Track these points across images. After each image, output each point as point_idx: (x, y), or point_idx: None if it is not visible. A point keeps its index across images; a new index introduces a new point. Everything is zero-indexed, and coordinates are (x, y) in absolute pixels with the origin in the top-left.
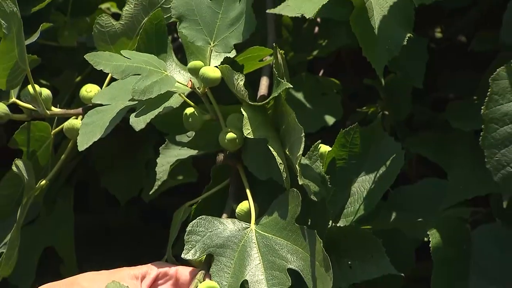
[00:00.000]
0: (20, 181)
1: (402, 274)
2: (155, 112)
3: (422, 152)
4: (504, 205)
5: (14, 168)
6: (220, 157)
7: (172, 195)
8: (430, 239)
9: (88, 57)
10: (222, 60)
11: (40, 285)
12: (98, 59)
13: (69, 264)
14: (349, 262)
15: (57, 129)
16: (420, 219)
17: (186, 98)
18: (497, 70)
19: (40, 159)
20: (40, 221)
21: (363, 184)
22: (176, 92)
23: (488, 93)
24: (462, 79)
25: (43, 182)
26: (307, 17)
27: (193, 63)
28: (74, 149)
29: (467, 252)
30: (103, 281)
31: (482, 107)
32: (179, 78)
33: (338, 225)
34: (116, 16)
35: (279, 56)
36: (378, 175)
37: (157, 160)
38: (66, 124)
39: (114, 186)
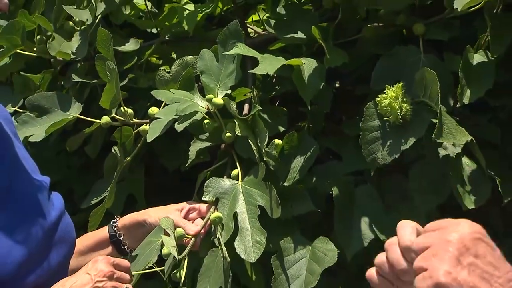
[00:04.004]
0: (116, 158)
1: (319, 210)
2: (188, 121)
3: (329, 146)
4: (371, 174)
5: (113, 150)
6: (223, 146)
7: (195, 167)
8: (333, 192)
9: (153, 93)
10: (224, 94)
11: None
12: (158, 94)
13: (140, 204)
14: (291, 204)
15: (136, 130)
16: (328, 181)
17: (204, 115)
18: (368, 103)
19: (127, 146)
20: (126, 180)
21: (297, 162)
22: (199, 111)
23: (364, 115)
24: (349, 108)
25: (128, 158)
26: (269, 74)
27: (208, 96)
28: (146, 141)
29: (352, 201)
30: (161, 212)
31: (361, 123)
32: (201, 104)
33: (284, 184)
34: (168, 72)
35: (255, 93)
36: (305, 158)
37: (189, 148)
38: (141, 128)
39: (167, 161)
